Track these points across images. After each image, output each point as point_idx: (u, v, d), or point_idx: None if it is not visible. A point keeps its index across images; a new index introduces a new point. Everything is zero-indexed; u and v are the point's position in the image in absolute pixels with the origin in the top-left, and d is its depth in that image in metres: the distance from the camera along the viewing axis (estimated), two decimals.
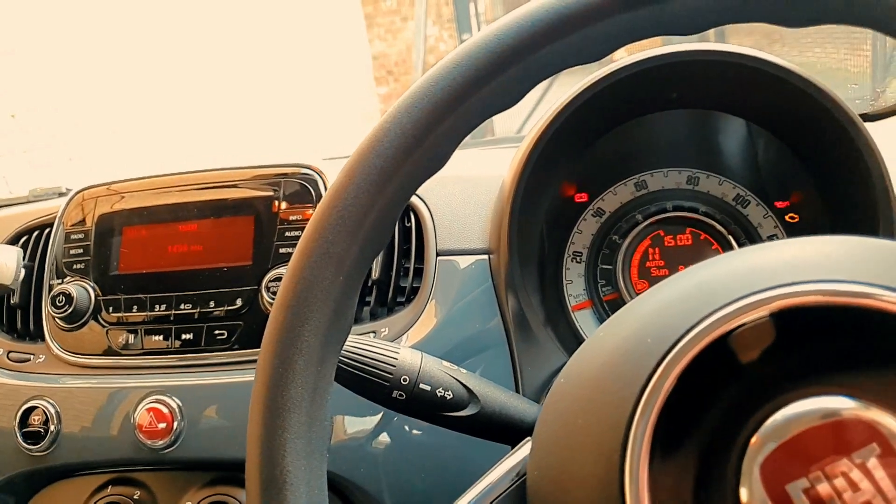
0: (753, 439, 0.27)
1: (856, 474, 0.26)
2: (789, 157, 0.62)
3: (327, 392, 0.34)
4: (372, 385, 0.44)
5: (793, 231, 0.65)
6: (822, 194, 0.61)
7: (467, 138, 0.35)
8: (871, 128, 0.86)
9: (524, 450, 0.37)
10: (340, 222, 0.32)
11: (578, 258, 0.67)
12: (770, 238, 0.65)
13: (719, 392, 0.28)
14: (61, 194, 1.08)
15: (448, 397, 0.44)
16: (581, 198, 0.68)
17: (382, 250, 0.35)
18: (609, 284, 0.66)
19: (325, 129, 5.28)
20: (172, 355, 0.63)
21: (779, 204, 0.65)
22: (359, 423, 0.58)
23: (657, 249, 0.65)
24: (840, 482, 0.26)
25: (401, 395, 0.44)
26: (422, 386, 0.44)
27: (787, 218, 0.65)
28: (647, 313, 0.31)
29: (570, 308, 0.66)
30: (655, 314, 0.30)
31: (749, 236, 0.65)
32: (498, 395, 0.46)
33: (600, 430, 0.28)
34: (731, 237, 0.64)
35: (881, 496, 0.25)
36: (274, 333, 0.32)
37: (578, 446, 0.29)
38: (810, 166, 0.60)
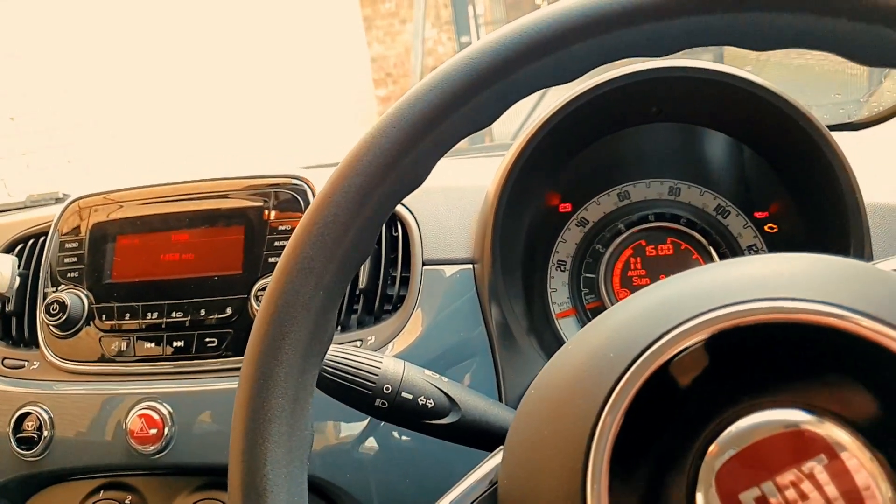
0: (710, 449, 0.28)
1: (805, 484, 0.27)
2: (767, 170, 0.63)
3: (308, 402, 0.35)
4: (355, 394, 0.45)
5: (772, 241, 0.66)
6: (798, 205, 0.62)
7: (461, 142, 0.36)
8: (860, 135, 0.87)
9: (497, 458, 0.38)
10: (320, 239, 0.33)
11: (563, 267, 0.68)
12: (750, 248, 0.66)
13: (675, 407, 0.29)
14: (58, 200, 1.09)
15: (429, 405, 0.46)
16: (565, 207, 0.69)
17: (362, 265, 0.36)
18: (592, 293, 0.67)
19: (324, 132, 5.29)
20: (164, 362, 0.64)
21: (758, 214, 0.66)
22: (345, 429, 0.59)
23: (639, 259, 0.66)
24: (790, 492, 0.27)
25: (383, 403, 0.45)
26: (404, 395, 0.45)
27: (766, 228, 0.66)
28: (610, 329, 0.32)
29: (554, 316, 0.68)
30: (615, 331, 0.31)
31: (729, 246, 0.66)
32: (478, 403, 0.47)
33: (565, 442, 0.30)
34: (711, 247, 0.65)
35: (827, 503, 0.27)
36: (256, 346, 0.33)
37: (544, 457, 0.31)
38: (786, 178, 0.61)
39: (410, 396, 0.45)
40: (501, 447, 0.40)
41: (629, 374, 0.29)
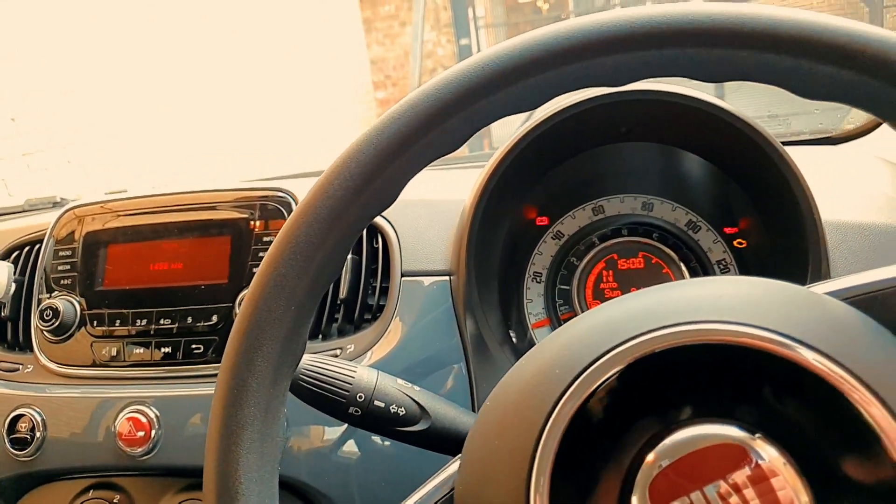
0: (647, 460, 0.31)
1: (730, 495, 0.30)
2: (735, 187, 0.65)
3: (279, 411, 0.37)
4: (330, 401, 0.47)
5: (741, 256, 0.68)
6: (764, 222, 0.65)
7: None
8: (838, 150, 0.89)
9: (456, 464, 0.41)
10: (293, 257, 0.36)
11: (538, 278, 0.71)
12: (719, 263, 0.68)
13: (615, 420, 0.32)
14: (55, 204, 1.12)
15: (401, 413, 0.48)
16: (542, 221, 0.72)
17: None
18: (566, 304, 0.69)
19: (323, 134, 5.31)
20: (152, 367, 0.67)
21: (728, 230, 0.69)
22: (325, 435, 0.61)
23: (611, 272, 0.69)
24: (714, 500, 0.29)
25: (356, 411, 0.48)
26: (376, 403, 0.48)
27: (735, 243, 0.68)
28: (557, 346, 0.34)
29: (530, 325, 0.70)
30: (562, 348, 0.34)
31: (699, 260, 0.68)
32: (448, 412, 0.50)
33: (511, 452, 0.32)
34: (681, 262, 0.68)
35: None
36: (231, 357, 0.36)
37: (494, 465, 0.33)
38: (750, 195, 0.64)
39: (383, 405, 0.48)
40: (460, 455, 0.42)
41: (571, 390, 0.31)
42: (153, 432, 0.63)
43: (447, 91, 0.36)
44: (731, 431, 0.30)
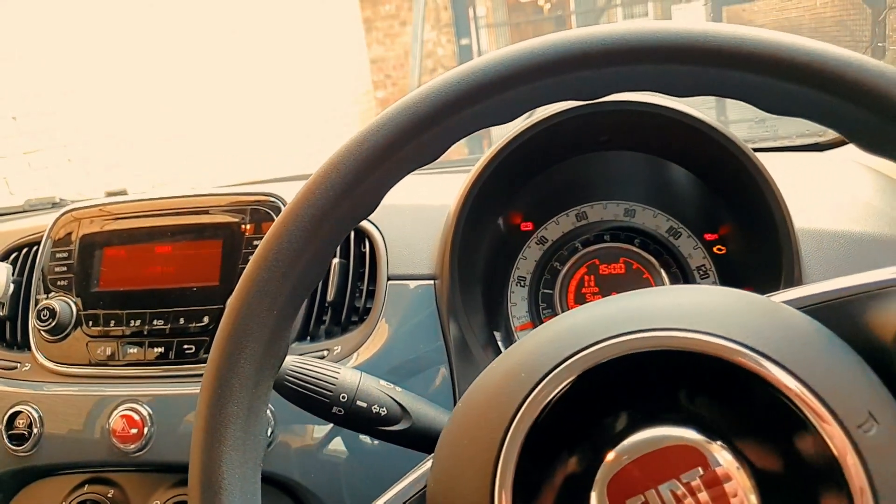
0: (607, 459, 0.32)
1: (682, 492, 0.31)
2: (713, 194, 0.67)
3: (262, 410, 0.39)
4: (314, 401, 0.49)
5: (720, 262, 0.70)
6: (741, 228, 0.67)
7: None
8: (824, 156, 0.91)
9: (430, 463, 0.43)
10: (275, 265, 0.38)
11: (523, 282, 0.73)
12: (699, 268, 0.70)
13: (578, 421, 0.34)
14: (55, 204, 1.14)
15: (382, 413, 0.50)
16: (527, 226, 0.73)
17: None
18: (549, 307, 0.71)
19: (323, 133, 5.32)
20: (146, 367, 0.69)
21: (708, 236, 0.70)
22: (310, 433, 0.63)
23: (592, 276, 0.70)
24: (669, 499, 0.31)
25: (339, 410, 0.50)
26: (359, 403, 0.50)
27: (715, 250, 0.70)
28: (525, 350, 0.36)
29: (514, 328, 0.72)
30: (529, 353, 0.36)
31: (679, 266, 0.70)
32: (428, 412, 0.52)
33: (478, 452, 0.34)
34: (661, 268, 0.69)
35: None
36: (215, 360, 0.38)
37: (462, 464, 0.35)
38: (728, 203, 0.66)
39: (365, 405, 0.50)
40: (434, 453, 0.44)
41: (535, 393, 0.33)
42: (146, 429, 0.65)
43: (424, 106, 0.38)
44: (689, 434, 0.32)
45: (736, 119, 1.79)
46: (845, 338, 0.34)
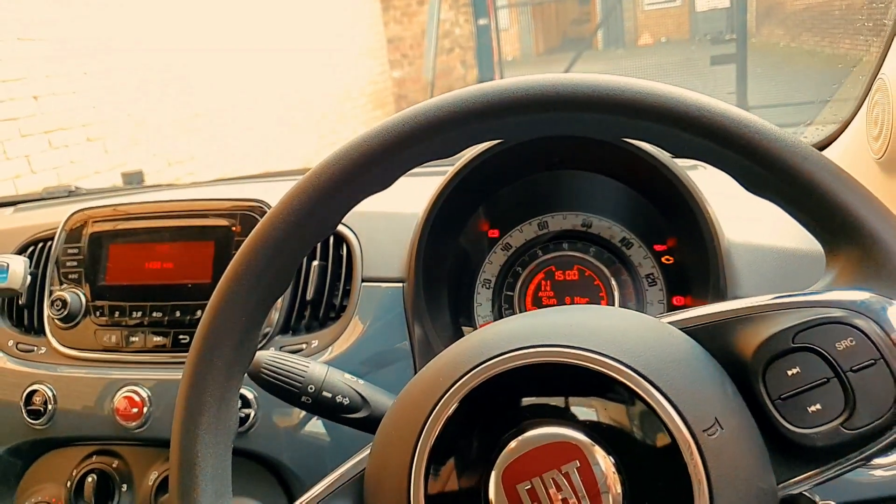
0: (504, 451, 0.39)
1: (561, 480, 0.38)
2: (657, 210, 0.73)
3: (233, 400, 0.46)
4: (285, 391, 0.58)
5: (668, 271, 0.76)
6: (682, 241, 0.73)
7: None
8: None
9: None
10: (244, 276, 0.45)
11: (488, 285, 0.80)
12: (647, 276, 0.76)
13: (483, 418, 0.40)
14: (71, 192, 1.22)
15: (345, 402, 0.58)
16: (493, 233, 0.80)
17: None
18: (510, 308, 0.78)
19: (340, 112, 5.37)
20: (146, 353, 0.77)
21: (657, 247, 0.76)
22: (287, 417, 0.71)
23: (549, 282, 0.77)
24: (551, 485, 0.38)
25: (307, 399, 0.58)
26: (325, 393, 0.58)
27: (663, 260, 0.76)
28: (448, 357, 0.43)
29: (478, 326, 0.79)
30: (449, 359, 0.43)
31: (630, 274, 0.76)
32: (386, 402, 0.60)
33: (401, 440, 0.41)
34: (611, 276, 0.76)
35: (575, 496, 0.38)
36: (192, 356, 0.45)
37: (389, 450, 0.42)
38: (668, 217, 0.72)
39: (330, 395, 0.58)
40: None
41: (448, 393, 0.40)
42: (146, 409, 0.74)
43: (374, 143, 0.45)
44: (576, 434, 0.39)
45: None
46: (716, 354, 0.41)
